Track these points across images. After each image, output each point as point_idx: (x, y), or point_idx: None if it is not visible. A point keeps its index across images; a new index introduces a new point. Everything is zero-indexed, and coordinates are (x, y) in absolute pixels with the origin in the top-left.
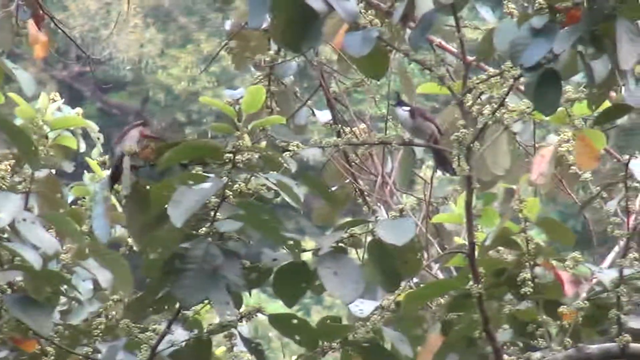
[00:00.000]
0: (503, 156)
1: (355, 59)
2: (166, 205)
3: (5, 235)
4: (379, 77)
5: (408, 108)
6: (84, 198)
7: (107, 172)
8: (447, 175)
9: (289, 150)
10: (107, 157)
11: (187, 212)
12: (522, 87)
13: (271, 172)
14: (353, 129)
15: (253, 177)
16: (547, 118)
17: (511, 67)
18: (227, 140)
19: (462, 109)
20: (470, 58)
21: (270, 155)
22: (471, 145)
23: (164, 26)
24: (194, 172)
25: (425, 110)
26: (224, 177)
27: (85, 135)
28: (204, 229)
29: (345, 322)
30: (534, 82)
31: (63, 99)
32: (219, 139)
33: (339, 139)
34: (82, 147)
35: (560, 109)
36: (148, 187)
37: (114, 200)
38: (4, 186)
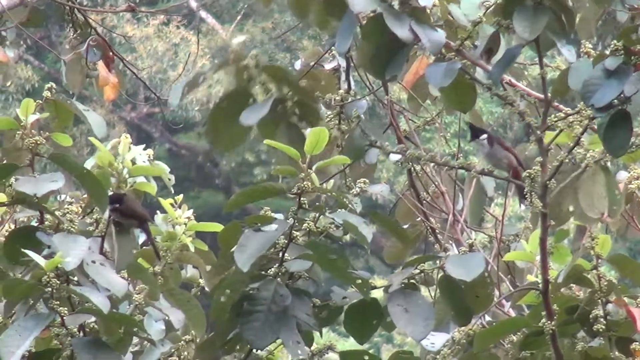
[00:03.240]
0: (599, 199)
1: (444, 91)
2: (234, 248)
3: (75, 279)
4: (467, 110)
5: (485, 135)
6: (156, 239)
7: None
8: (527, 206)
9: (358, 188)
10: (178, 197)
11: (254, 256)
12: (595, 126)
13: (339, 210)
14: (423, 166)
15: (321, 217)
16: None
17: (586, 107)
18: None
19: (540, 146)
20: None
21: (336, 195)
22: (547, 183)
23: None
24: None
25: (503, 140)
26: (290, 219)
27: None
28: (272, 269)
29: (417, 355)
30: (604, 122)
31: (131, 141)
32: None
33: (420, 153)
34: (155, 188)
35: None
36: None
37: (185, 241)
38: (73, 229)
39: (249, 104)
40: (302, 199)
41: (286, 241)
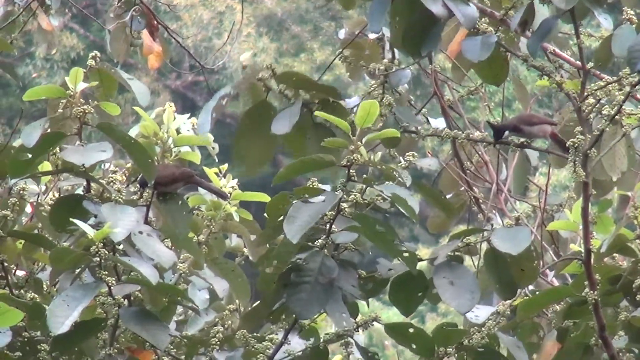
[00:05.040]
0: (620, 159)
1: (475, 64)
2: (281, 218)
3: (121, 247)
4: (499, 83)
5: (507, 133)
6: (200, 208)
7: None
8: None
9: (405, 161)
10: (223, 166)
11: (303, 228)
12: (639, 95)
13: (387, 182)
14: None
15: (368, 189)
16: None
17: (629, 74)
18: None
19: (579, 115)
20: (587, 65)
21: (385, 170)
22: (588, 152)
23: (277, 35)
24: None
25: (532, 115)
26: (339, 191)
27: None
28: (319, 241)
29: (461, 327)
30: None
31: (175, 109)
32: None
33: (455, 132)
34: (199, 158)
35: None
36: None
37: (230, 210)
38: (120, 199)
39: (271, 117)
40: (351, 170)
41: (334, 213)
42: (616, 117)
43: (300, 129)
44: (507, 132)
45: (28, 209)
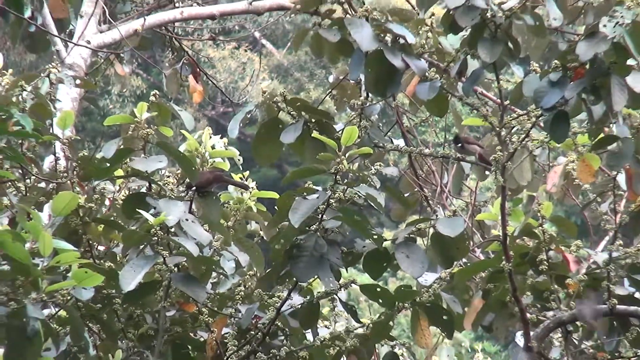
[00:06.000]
0: (527, 171)
1: (425, 101)
2: (288, 210)
3: (173, 230)
4: (442, 114)
5: (460, 143)
6: (228, 202)
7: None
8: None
9: (375, 169)
10: (245, 172)
11: (303, 216)
12: (541, 124)
13: (362, 184)
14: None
15: (349, 189)
16: (559, 145)
17: (534, 109)
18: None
19: (499, 138)
20: (505, 102)
21: (361, 175)
22: (505, 164)
23: (284, 79)
24: (306, 186)
25: (471, 137)
26: (329, 191)
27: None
28: (314, 226)
29: (414, 289)
30: (550, 119)
31: (211, 132)
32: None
33: (413, 148)
34: (228, 166)
35: (568, 139)
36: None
37: (250, 204)
38: (172, 196)
39: (280, 128)
40: (337, 176)
41: (324, 206)
42: (524, 142)
43: (301, 139)
44: (460, 144)
45: (107, 202)
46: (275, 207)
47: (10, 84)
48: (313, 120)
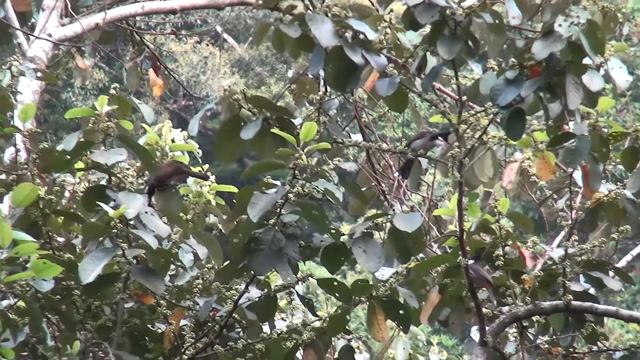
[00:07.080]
0: (488, 168)
1: (384, 97)
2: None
3: (132, 223)
4: (401, 111)
5: (429, 136)
6: (187, 195)
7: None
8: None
9: (333, 164)
10: (205, 166)
11: (262, 210)
12: (498, 120)
13: (320, 179)
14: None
15: (307, 184)
16: (515, 142)
17: (491, 106)
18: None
19: (457, 134)
20: (463, 98)
21: (319, 170)
22: (462, 160)
23: (245, 73)
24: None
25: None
26: (287, 185)
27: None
28: (272, 220)
29: (371, 283)
30: (506, 117)
31: (171, 125)
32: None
33: (372, 143)
34: (187, 160)
35: (524, 136)
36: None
37: (209, 197)
38: (132, 189)
39: (242, 125)
40: (295, 171)
41: (283, 200)
42: (483, 136)
43: (261, 135)
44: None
45: (67, 194)
46: (234, 201)
47: None
48: (273, 116)
